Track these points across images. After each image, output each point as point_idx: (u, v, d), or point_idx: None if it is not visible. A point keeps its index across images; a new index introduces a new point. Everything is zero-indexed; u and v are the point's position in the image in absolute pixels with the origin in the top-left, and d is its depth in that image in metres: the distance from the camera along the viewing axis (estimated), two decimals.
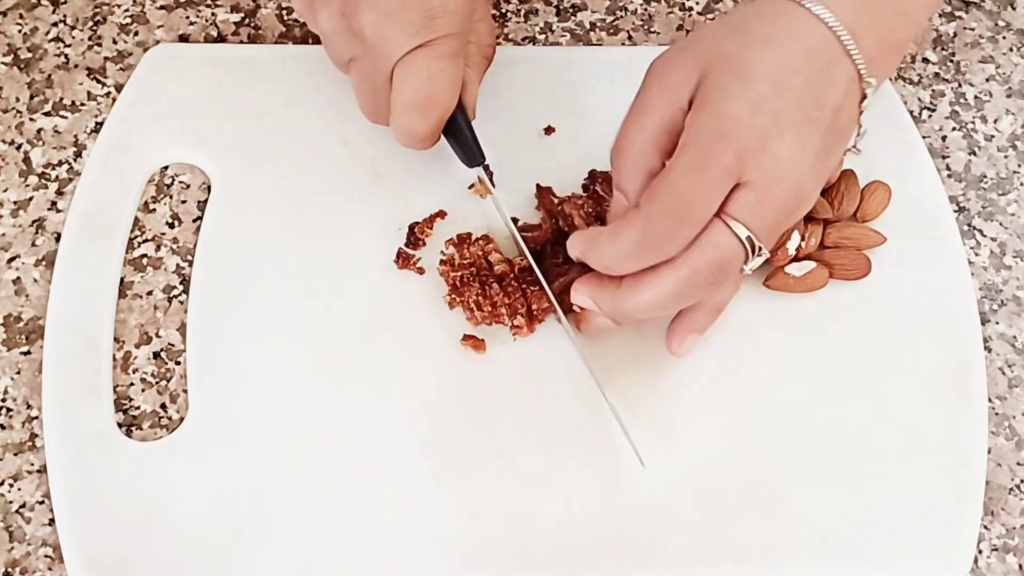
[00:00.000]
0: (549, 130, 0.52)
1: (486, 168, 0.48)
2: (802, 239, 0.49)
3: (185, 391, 0.46)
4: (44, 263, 0.49)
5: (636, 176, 0.42)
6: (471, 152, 0.47)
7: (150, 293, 0.49)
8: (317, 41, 0.56)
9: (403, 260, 0.49)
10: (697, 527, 0.44)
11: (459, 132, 0.47)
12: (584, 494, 0.44)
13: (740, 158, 0.39)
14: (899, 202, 0.51)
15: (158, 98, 0.52)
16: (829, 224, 0.50)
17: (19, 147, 0.52)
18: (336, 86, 0.52)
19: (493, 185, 0.48)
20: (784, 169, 0.40)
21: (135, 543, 0.43)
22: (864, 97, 0.42)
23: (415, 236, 0.49)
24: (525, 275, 0.47)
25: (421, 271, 0.48)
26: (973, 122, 0.56)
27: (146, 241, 0.50)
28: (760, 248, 0.40)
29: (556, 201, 0.49)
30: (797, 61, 0.41)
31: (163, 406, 0.47)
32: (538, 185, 0.50)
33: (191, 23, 0.56)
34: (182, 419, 0.46)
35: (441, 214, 0.50)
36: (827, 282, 0.49)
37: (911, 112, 0.56)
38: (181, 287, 0.49)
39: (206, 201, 0.51)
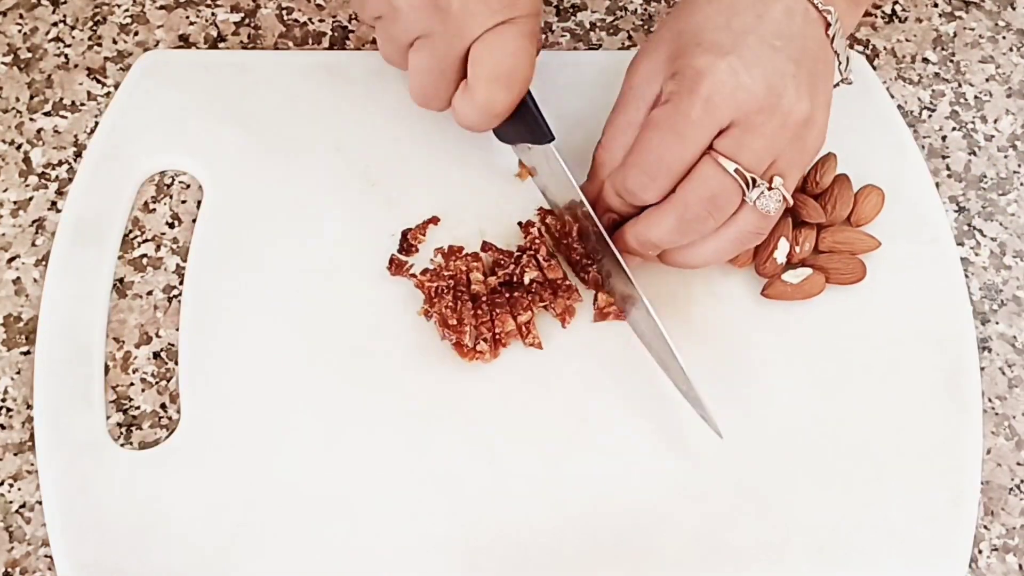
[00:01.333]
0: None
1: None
2: (795, 245, 0.49)
3: None
4: (44, 263, 0.49)
5: (615, 155, 0.45)
6: (540, 130, 0.47)
7: (150, 293, 0.49)
8: (315, 44, 0.56)
9: (396, 267, 0.49)
10: (694, 531, 0.44)
11: (528, 110, 0.46)
12: (579, 499, 0.44)
13: (713, 106, 0.41)
14: (893, 206, 0.51)
15: (150, 104, 0.52)
16: (823, 229, 0.50)
17: (19, 147, 0.52)
18: (329, 92, 0.52)
19: (533, 174, 0.48)
20: (761, 99, 0.42)
21: (128, 551, 0.43)
22: (828, 25, 0.44)
23: (408, 242, 0.49)
24: (496, 297, 0.47)
25: (414, 277, 0.48)
26: (973, 122, 0.56)
27: (146, 241, 0.50)
28: (755, 180, 0.42)
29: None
30: (740, 3, 0.43)
31: (163, 406, 0.47)
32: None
33: (191, 23, 0.56)
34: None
35: (434, 220, 0.50)
36: (824, 288, 0.49)
37: (911, 112, 0.56)
38: (181, 287, 0.49)
39: None
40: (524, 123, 0.47)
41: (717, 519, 0.44)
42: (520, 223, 0.50)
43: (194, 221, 0.50)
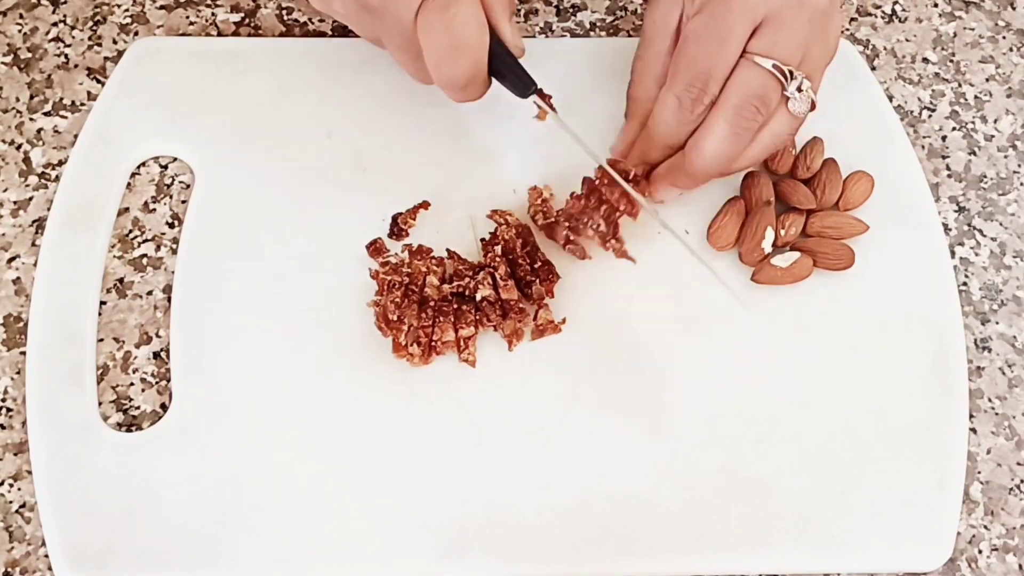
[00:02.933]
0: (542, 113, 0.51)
1: (540, 93, 0.47)
2: (780, 229, 0.49)
3: None
4: None
5: (650, 85, 0.48)
6: (517, 81, 0.46)
7: (150, 293, 0.49)
8: (308, 35, 0.56)
9: (375, 250, 0.49)
10: (679, 514, 0.44)
11: (501, 67, 0.46)
12: (566, 483, 0.45)
13: (745, 6, 0.43)
14: (881, 191, 0.51)
15: (142, 90, 0.52)
16: (812, 214, 0.50)
17: (19, 147, 0.52)
18: (320, 78, 0.53)
19: (553, 110, 0.47)
20: None
21: (118, 533, 0.43)
22: None
23: (398, 226, 0.49)
24: (444, 306, 0.47)
25: (385, 264, 0.48)
26: (973, 122, 0.56)
27: (146, 241, 0.50)
28: (792, 72, 0.44)
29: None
30: None
31: (163, 406, 0.47)
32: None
33: (191, 23, 0.56)
34: None
35: (424, 205, 0.50)
36: (812, 271, 0.49)
37: (911, 112, 0.56)
38: None
39: None
40: (504, 79, 0.47)
41: (702, 503, 0.45)
42: (483, 239, 0.49)
43: None
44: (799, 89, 0.44)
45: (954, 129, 0.56)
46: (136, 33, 0.56)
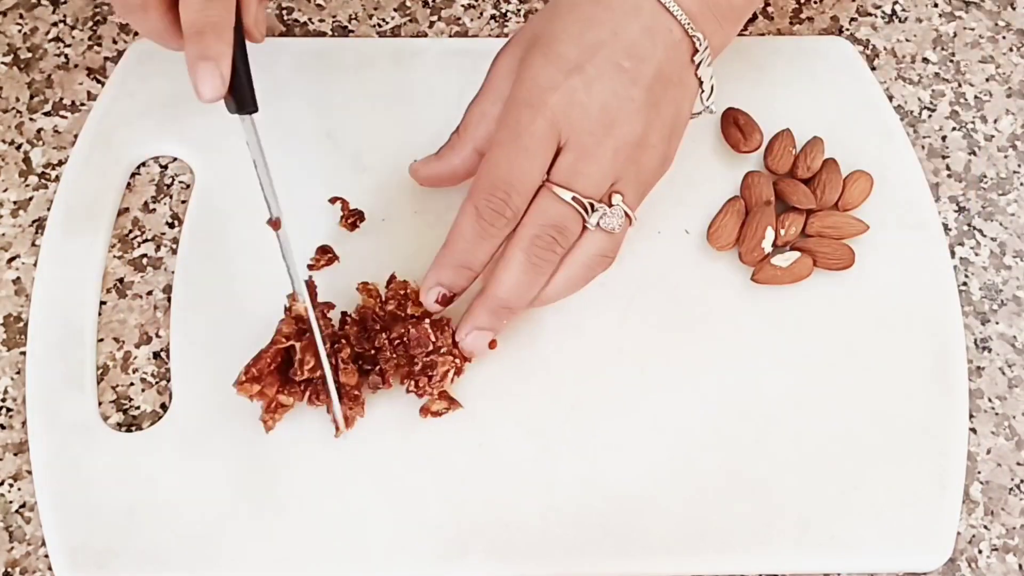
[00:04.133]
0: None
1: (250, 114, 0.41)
2: (780, 229, 0.49)
3: None
4: None
5: (470, 153, 0.46)
6: (236, 90, 0.40)
7: (150, 293, 0.49)
8: (308, 35, 0.56)
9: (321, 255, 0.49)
10: (679, 514, 0.44)
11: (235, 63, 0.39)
12: (567, 482, 0.45)
13: (551, 121, 0.41)
14: (881, 191, 0.51)
15: (142, 90, 0.52)
16: (812, 213, 0.50)
17: (19, 147, 0.52)
18: (320, 78, 0.53)
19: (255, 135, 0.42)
20: (594, 120, 0.41)
21: (119, 533, 0.43)
22: (696, 51, 0.44)
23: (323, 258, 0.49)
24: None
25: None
26: (973, 122, 0.56)
27: (146, 241, 0.50)
28: (592, 205, 0.42)
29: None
30: (600, 16, 0.43)
31: (163, 406, 0.47)
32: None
33: None
34: None
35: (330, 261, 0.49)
36: (812, 271, 0.49)
37: (911, 112, 0.56)
38: None
39: None
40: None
41: (702, 503, 0.45)
42: (343, 311, 0.47)
43: None
44: (610, 206, 0.43)
45: (954, 129, 0.56)
46: (136, 33, 0.56)
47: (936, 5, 0.60)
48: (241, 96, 0.41)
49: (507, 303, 0.44)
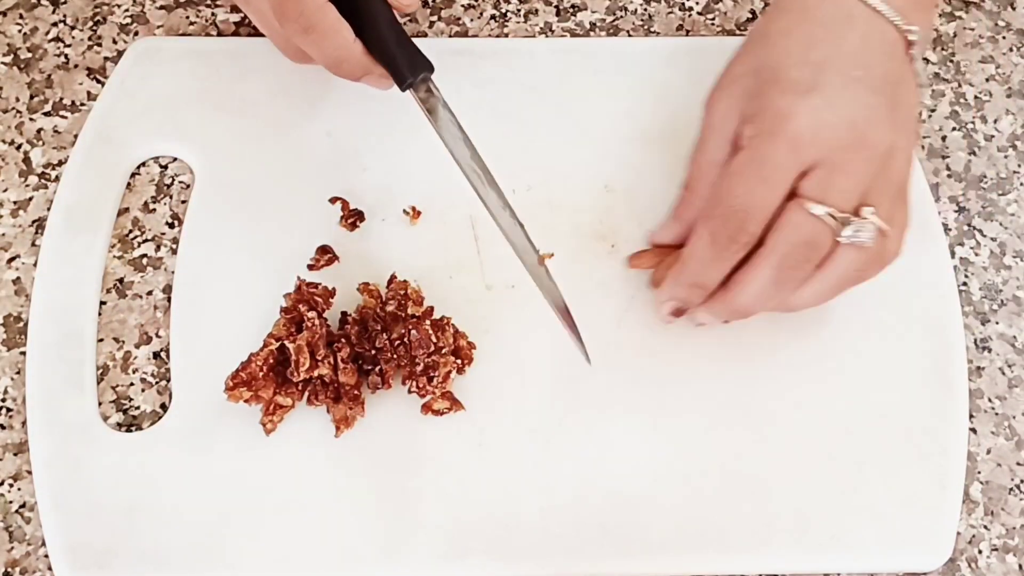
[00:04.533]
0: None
1: (428, 89, 0.43)
2: None
3: None
4: None
5: (706, 187, 0.45)
6: (399, 64, 0.42)
7: (150, 293, 0.49)
8: None
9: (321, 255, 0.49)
10: (679, 514, 0.44)
11: (389, 44, 0.41)
12: (566, 482, 0.45)
13: (795, 148, 0.41)
14: None
15: (142, 90, 0.52)
16: None
17: (19, 147, 0.52)
18: (320, 77, 0.53)
19: (446, 107, 0.43)
20: (844, 136, 0.41)
21: (119, 533, 0.43)
22: (910, 44, 0.44)
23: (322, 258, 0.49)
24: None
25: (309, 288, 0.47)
26: (973, 122, 0.56)
27: (146, 241, 0.50)
28: (847, 219, 0.41)
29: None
30: (817, 33, 0.42)
31: (163, 406, 0.47)
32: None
33: (191, 23, 0.56)
34: None
35: (330, 261, 0.49)
36: None
37: None
38: None
39: None
40: (382, 57, 0.43)
41: (702, 502, 0.45)
42: (343, 312, 0.47)
43: None
44: (862, 220, 0.41)
45: (954, 129, 0.56)
46: (136, 33, 0.56)
47: (936, 5, 0.60)
48: (399, 70, 0.42)
49: (744, 310, 0.44)
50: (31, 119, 0.53)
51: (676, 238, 0.47)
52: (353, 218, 0.49)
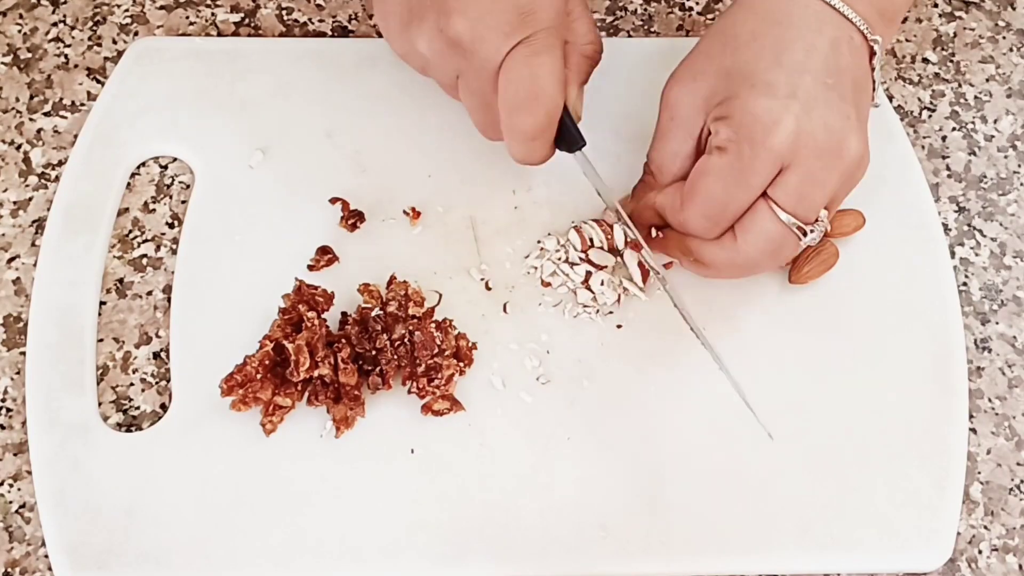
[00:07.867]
0: None
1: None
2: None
3: None
4: None
5: (669, 176, 0.46)
6: (569, 137, 0.45)
7: (150, 293, 0.49)
8: (308, 35, 0.56)
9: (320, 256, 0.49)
10: (679, 515, 0.44)
11: (562, 129, 0.45)
12: (566, 482, 0.45)
13: (777, 154, 0.41)
14: (881, 192, 0.51)
15: (142, 90, 0.52)
16: None
17: (19, 147, 0.52)
18: (320, 78, 0.53)
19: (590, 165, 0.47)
20: (822, 144, 0.41)
21: (118, 533, 0.43)
22: (873, 54, 0.44)
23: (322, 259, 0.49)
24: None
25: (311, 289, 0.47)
26: (973, 122, 0.56)
27: (146, 241, 0.50)
28: (810, 228, 0.43)
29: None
30: (787, 36, 0.43)
31: (163, 406, 0.47)
32: None
33: (191, 23, 0.56)
34: None
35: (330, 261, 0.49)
36: (838, 255, 0.49)
37: (911, 112, 0.56)
38: None
39: None
40: (558, 136, 0.45)
41: (702, 503, 0.45)
42: (343, 312, 0.47)
43: None
44: (814, 233, 0.43)
45: (954, 129, 0.56)
46: (136, 33, 0.56)
47: (936, 5, 0.60)
48: (570, 141, 0.45)
49: (701, 267, 0.46)
50: (31, 119, 0.53)
51: (632, 212, 0.48)
52: (353, 219, 0.49)
